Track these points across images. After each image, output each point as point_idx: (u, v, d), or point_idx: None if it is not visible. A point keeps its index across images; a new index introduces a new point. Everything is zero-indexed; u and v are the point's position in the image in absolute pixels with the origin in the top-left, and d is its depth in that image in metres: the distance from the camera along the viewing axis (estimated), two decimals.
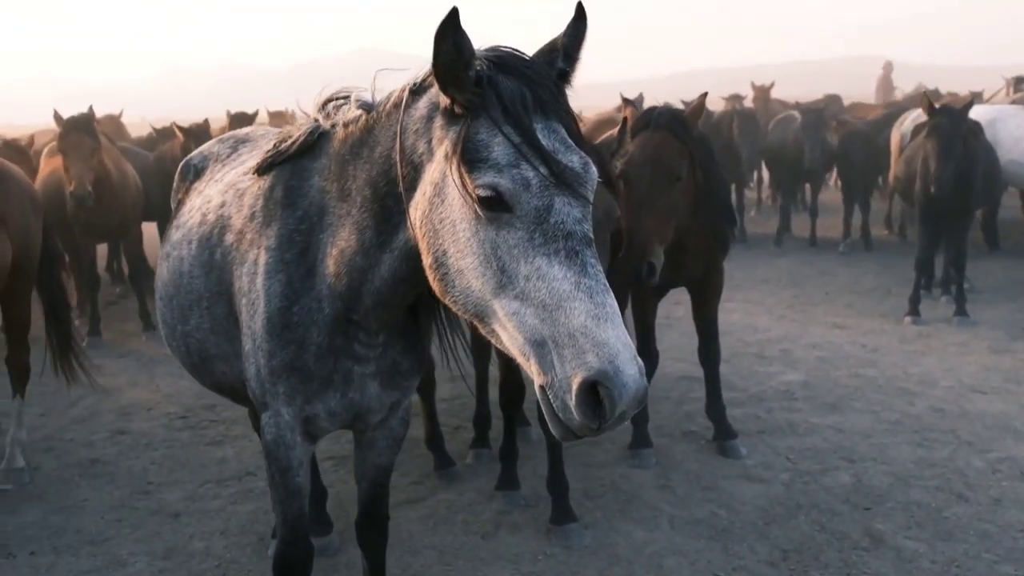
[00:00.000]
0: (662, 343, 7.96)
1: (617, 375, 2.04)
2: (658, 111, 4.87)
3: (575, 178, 2.24)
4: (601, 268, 2.21)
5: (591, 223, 2.27)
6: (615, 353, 2.06)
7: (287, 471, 3.18)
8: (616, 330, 2.09)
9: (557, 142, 2.26)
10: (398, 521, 4.91)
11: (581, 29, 2.44)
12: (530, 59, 2.38)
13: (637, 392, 2.08)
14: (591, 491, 5.22)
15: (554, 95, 2.32)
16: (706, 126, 13.00)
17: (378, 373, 3.05)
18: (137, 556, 4.65)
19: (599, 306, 2.11)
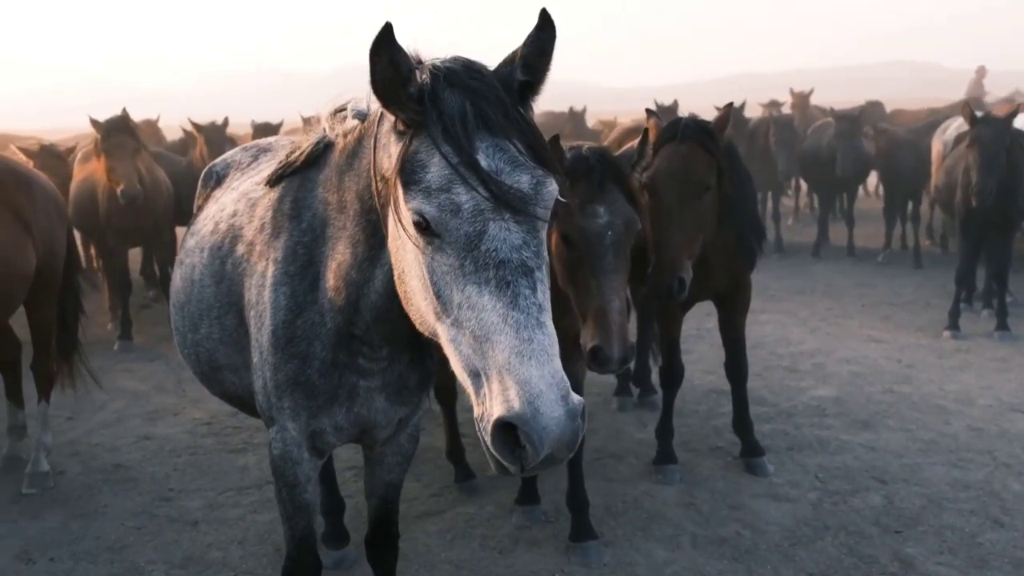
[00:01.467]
0: (691, 355, 7.89)
1: (536, 418, 1.92)
2: (684, 122, 4.76)
3: (520, 200, 2.10)
4: (541, 298, 2.07)
5: (540, 246, 2.14)
6: (536, 394, 1.93)
7: (294, 487, 3.15)
8: (542, 368, 1.96)
9: (503, 161, 2.12)
10: (415, 534, 4.86)
11: (545, 38, 2.29)
12: (482, 72, 2.24)
13: (561, 436, 1.94)
14: (613, 507, 5.12)
15: (505, 110, 2.17)
16: (742, 133, 12.89)
17: (384, 387, 3.00)
18: (155, 564, 4.64)
19: (525, 341, 1.98)
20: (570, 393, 1.99)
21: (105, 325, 9.55)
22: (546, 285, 2.13)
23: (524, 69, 2.28)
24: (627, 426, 6.46)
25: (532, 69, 2.29)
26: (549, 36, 2.29)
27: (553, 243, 3.94)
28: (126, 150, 8.37)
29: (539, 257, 2.12)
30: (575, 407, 1.99)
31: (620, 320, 3.66)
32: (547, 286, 2.14)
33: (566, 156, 3.88)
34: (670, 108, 13.81)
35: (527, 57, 2.28)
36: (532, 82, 2.30)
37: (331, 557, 4.56)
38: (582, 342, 3.77)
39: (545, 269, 2.15)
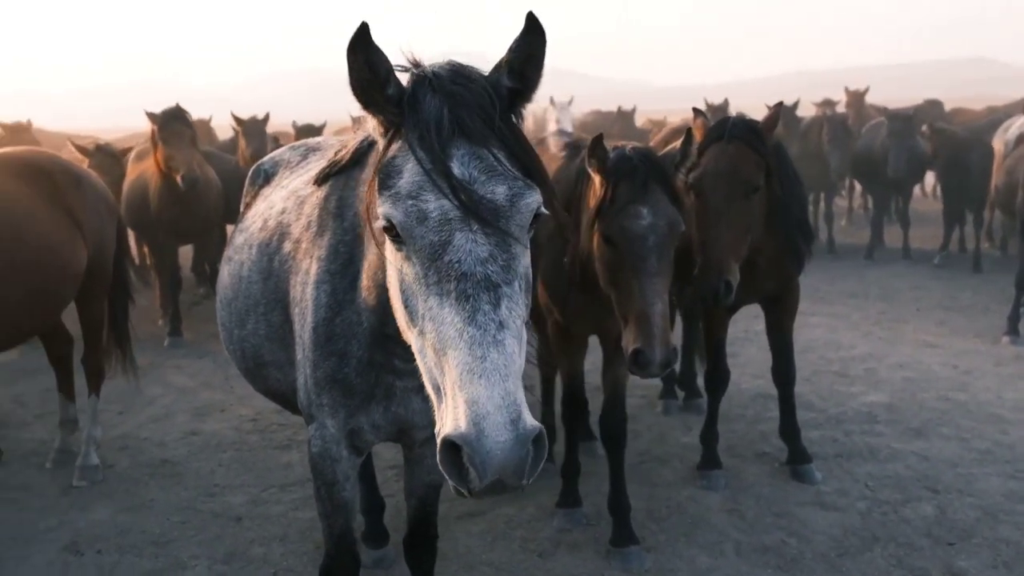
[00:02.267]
0: (738, 358, 7.76)
1: (480, 440, 1.83)
2: (732, 121, 4.67)
3: (491, 211, 2.03)
4: (504, 315, 1.97)
5: (512, 260, 2.05)
6: (482, 415, 1.84)
7: (333, 484, 3.16)
8: (492, 388, 1.86)
9: (477, 170, 2.06)
10: (456, 534, 4.85)
11: (532, 43, 2.19)
12: (469, 77, 2.17)
13: (506, 463, 1.83)
14: (655, 512, 5.05)
15: (486, 118, 2.10)
16: (794, 133, 12.67)
17: (422, 388, 2.98)
18: (198, 559, 4.69)
19: (477, 359, 1.90)
20: (523, 418, 1.88)
21: (156, 322, 9.71)
22: (517, 302, 2.04)
23: (511, 76, 2.20)
24: (672, 430, 6.37)
25: (519, 76, 2.21)
26: (536, 41, 2.19)
27: (595, 244, 3.89)
28: (183, 138, 8.56)
29: (508, 272, 2.03)
30: (526, 433, 1.86)
31: (662, 323, 3.60)
32: (519, 302, 2.04)
33: (609, 156, 3.83)
34: (720, 107, 13.63)
35: (513, 63, 2.20)
36: (521, 89, 2.22)
37: (371, 556, 4.56)
38: (623, 345, 3.71)
39: (518, 285, 2.06)
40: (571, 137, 5.55)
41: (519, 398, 1.90)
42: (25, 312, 4.94)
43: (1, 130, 11.84)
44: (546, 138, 5.63)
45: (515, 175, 2.08)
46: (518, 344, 1.99)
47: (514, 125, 2.19)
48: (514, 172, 2.09)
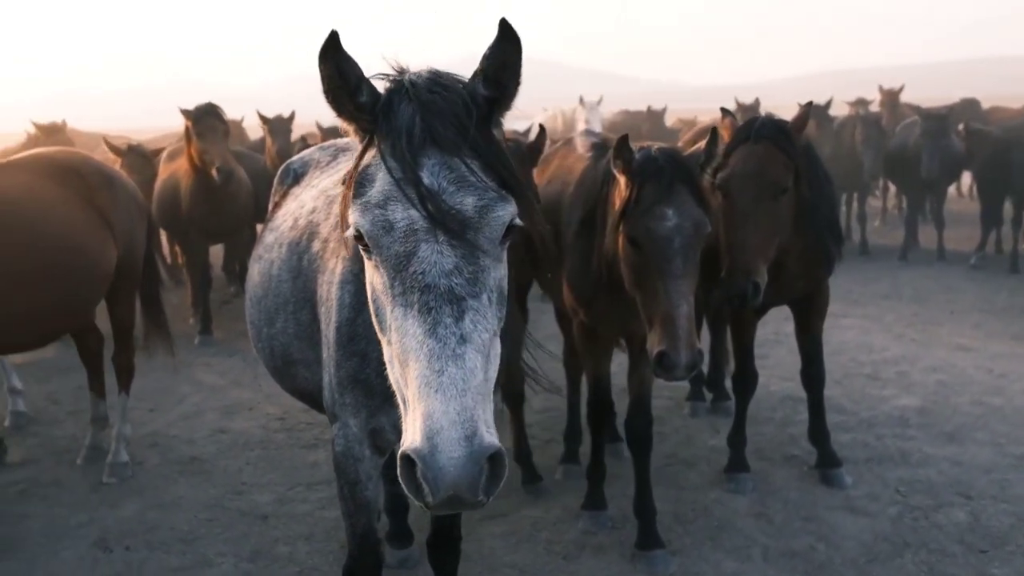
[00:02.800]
0: (768, 360, 7.68)
1: (433, 455, 1.81)
2: (760, 121, 4.62)
3: (458, 222, 1.99)
4: (468, 328, 1.94)
5: (480, 272, 2.02)
6: (436, 430, 1.81)
7: (355, 484, 3.18)
8: (447, 403, 1.83)
9: (447, 180, 2.02)
10: (480, 536, 4.83)
11: (505, 50, 2.12)
12: (445, 85, 2.13)
13: (458, 480, 1.79)
14: (682, 515, 5.01)
15: (459, 127, 2.06)
16: (826, 132, 12.51)
17: None
18: (224, 557, 4.73)
19: (435, 372, 1.88)
20: (479, 434, 1.83)
21: (187, 320, 9.80)
22: (485, 315, 2.00)
23: (486, 84, 2.15)
24: (699, 432, 6.32)
25: (495, 84, 2.16)
26: (510, 48, 2.11)
27: (620, 245, 3.86)
28: (217, 132, 8.67)
29: (475, 284, 2.00)
30: (480, 450, 1.82)
31: (688, 326, 3.56)
32: (487, 316, 2.01)
33: (634, 156, 3.80)
34: (751, 106, 13.51)
35: (487, 71, 2.15)
36: (498, 97, 2.17)
37: (395, 556, 4.57)
38: (648, 347, 3.68)
39: (487, 298, 2.03)
40: (598, 137, 5.51)
41: (478, 414, 1.86)
42: (57, 311, 5.00)
43: (36, 131, 12.01)
44: (573, 138, 5.60)
45: (487, 186, 2.04)
46: (482, 358, 1.96)
47: (490, 134, 2.15)
48: (486, 183, 2.05)
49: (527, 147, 4.87)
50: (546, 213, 4.77)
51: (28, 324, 4.87)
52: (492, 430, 1.90)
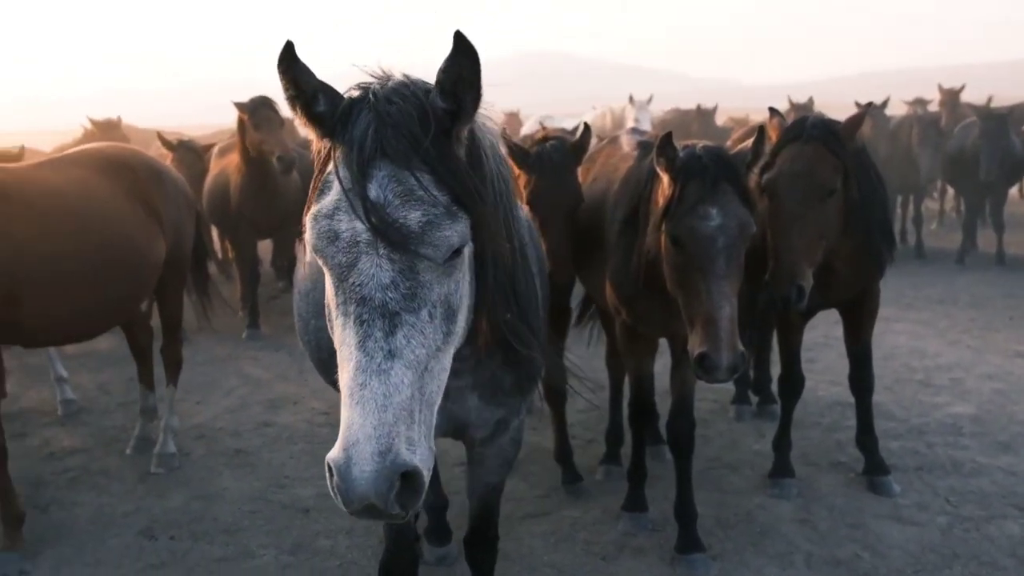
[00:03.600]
0: (816, 364, 7.55)
1: (347, 466, 1.85)
2: (810, 121, 4.52)
3: (400, 236, 1.98)
4: (399, 344, 1.96)
5: (419, 288, 2.02)
6: (352, 442, 1.86)
7: None
8: (366, 417, 1.86)
9: (393, 193, 2.01)
10: (519, 535, 4.82)
11: (461, 63, 2.08)
12: (404, 96, 2.10)
13: (366, 494, 1.83)
14: (723, 519, 4.94)
15: (411, 139, 2.04)
16: (882, 132, 12.26)
17: (476, 386, 2.98)
18: (266, 549, 4.78)
19: (358, 385, 1.91)
20: (394, 450, 1.85)
21: (235, 314, 9.94)
22: (422, 331, 2.01)
23: (443, 97, 2.12)
24: (744, 436, 6.23)
25: (452, 96, 2.11)
26: (465, 62, 2.07)
27: (662, 245, 3.81)
28: (273, 123, 8.74)
29: (412, 300, 2.00)
30: (394, 467, 1.85)
31: (730, 327, 3.50)
32: (425, 332, 2.01)
33: (678, 154, 3.74)
34: (804, 105, 13.28)
35: (443, 84, 2.12)
36: (456, 110, 2.13)
37: (434, 553, 4.57)
38: (689, 348, 3.63)
39: (427, 313, 2.03)
40: (645, 135, 5.45)
41: (397, 430, 1.88)
42: (108, 304, 5.09)
43: (92, 126, 12.27)
44: (619, 136, 5.56)
45: (435, 201, 2.02)
46: (414, 374, 1.96)
47: (448, 147, 2.12)
48: (435, 198, 2.03)
49: (571, 145, 4.84)
50: (589, 212, 4.75)
51: (80, 318, 4.97)
52: (414, 447, 1.91)
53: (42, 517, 5.15)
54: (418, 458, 1.91)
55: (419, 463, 1.90)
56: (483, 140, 2.33)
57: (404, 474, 1.88)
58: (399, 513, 1.91)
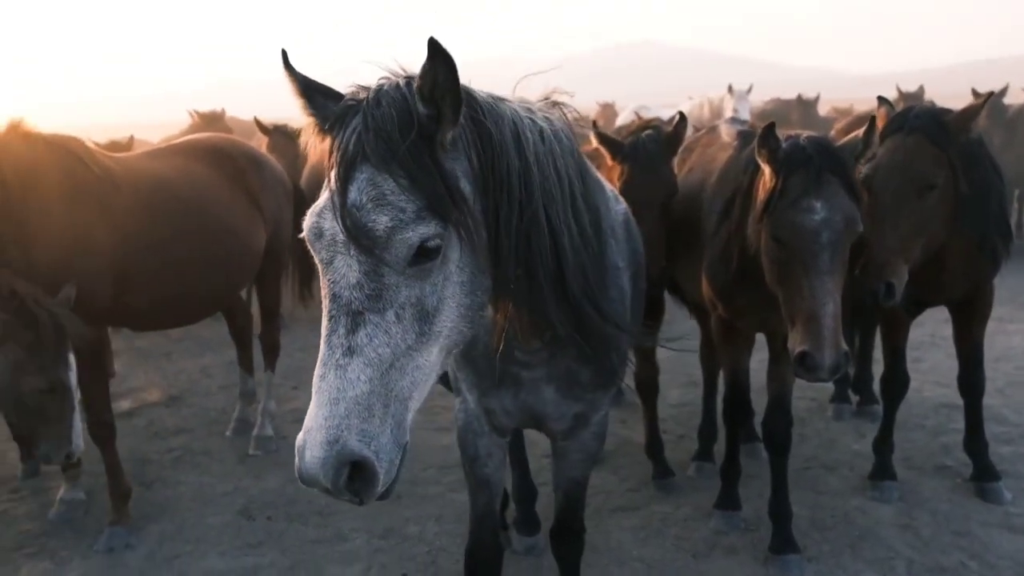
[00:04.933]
0: (922, 364, 7.26)
1: (301, 451, 2.01)
2: (915, 112, 4.30)
3: (369, 239, 2.04)
4: (360, 341, 2.03)
5: (384, 290, 2.07)
6: (308, 428, 2.00)
7: (474, 460, 3.27)
8: (320, 408, 1.99)
9: (367, 197, 2.06)
10: (608, 528, 4.79)
11: (437, 69, 2.09)
12: (390, 100, 2.13)
13: (315, 478, 1.98)
14: (820, 521, 4.79)
15: (390, 143, 2.08)
16: (999, 122, 11.67)
17: (551, 379, 2.97)
18: (357, 532, 4.86)
19: (319, 377, 2.04)
20: (342, 440, 1.96)
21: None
22: (387, 331, 2.06)
23: (423, 102, 2.12)
24: (842, 436, 6.03)
25: (431, 102, 2.12)
26: (440, 68, 2.08)
27: (763, 239, 3.69)
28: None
29: (377, 301, 2.06)
30: (340, 456, 1.96)
31: (833, 326, 3.37)
32: (391, 332, 2.06)
33: (781, 145, 3.62)
34: (915, 95, 12.76)
35: (422, 91, 2.11)
36: (436, 115, 2.13)
37: (522, 543, 4.58)
38: (790, 346, 3.51)
39: (393, 314, 2.07)
40: (744, 125, 5.32)
41: (349, 423, 1.97)
42: (211, 290, 5.25)
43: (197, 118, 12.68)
44: (717, 125, 5.43)
45: (403, 207, 2.06)
46: (374, 371, 2.03)
47: (423, 152, 2.12)
48: (405, 202, 2.06)
49: (666, 135, 4.74)
50: (685, 203, 4.65)
51: (185, 303, 5.14)
52: (370, 439, 1.99)
53: (147, 494, 5.36)
54: (371, 449, 1.99)
55: (370, 454, 1.98)
56: (505, 135, 2.31)
57: (355, 463, 1.98)
58: (352, 499, 2.04)
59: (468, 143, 2.23)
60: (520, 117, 2.38)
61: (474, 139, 2.25)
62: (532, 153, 2.36)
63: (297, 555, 4.65)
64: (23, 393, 4.20)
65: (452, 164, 2.18)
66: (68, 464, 4.95)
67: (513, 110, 2.38)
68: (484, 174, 2.25)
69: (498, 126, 2.29)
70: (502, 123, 2.31)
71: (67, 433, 4.33)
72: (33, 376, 4.19)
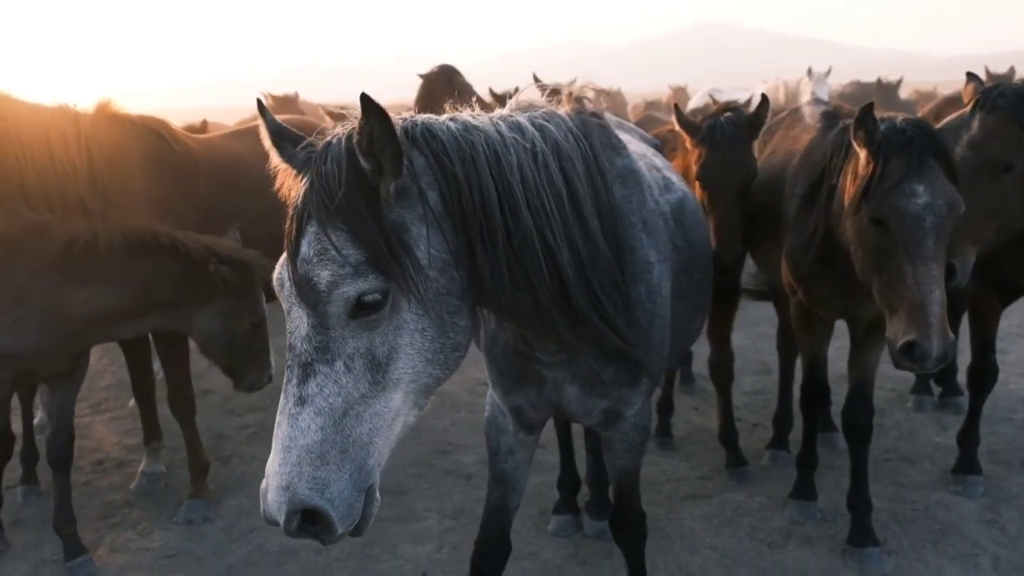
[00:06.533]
0: (1009, 355, 7.03)
1: (264, 495, 2.09)
2: (1000, 89, 4.08)
3: (314, 295, 2.09)
4: (311, 391, 2.08)
5: (330, 342, 2.10)
6: (267, 473, 2.09)
7: (495, 454, 3.29)
8: (274, 454, 2.06)
9: (314, 251, 2.11)
10: (680, 515, 4.74)
11: (371, 124, 2.09)
12: (335, 154, 2.15)
13: (272, 517, 2.06)
14: (900, 514, 4.67)
15: (329, 198, 2.10)
16: None
17: (574, 379, 2.94)
18: (430, 512, 4.90)
19: (277, 425, 2.10)
20: (293, 487, 2.02)
21: None
22: (337, 380, 2.09)
23: (363, 156, 2.12)
24: (923, 428, 5.86)
25: (371, 156, 2.11)
26: (375, 123, 2.08)
27: (858, 225, 3.53)
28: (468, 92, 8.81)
29: (325, 352, 2.10)
30: (291, 503, 2.02)
31: (940, 313, 3.24)
32: (341, 381, 2.09)
33: (879, 127, 3.47)
34: (1004, 76, 12.27)
35: (360, 145, 2.12)
36: (377, 168, 2.13)
37: (594, 528, 4.57)
38: (890, 336, 3.36)
39: (342, 365, 2.10)
40: (828, 106, 5.17)
41: (300, 470, 2.02)
42: None
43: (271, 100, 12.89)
44: (800, 107, 5.29)
45: (345, 261, 2.08)
46: (325, 419, 2.07)
47: (364, 206, 2.12)
48: (346, 257, 2.08)
49: (747, 117, 4.64)
50: (766, 186, 4.54)
51: None
52: (323, 486, 2.03)
53: (224, 469, 5.49)
54: (324, 497, 2.03)
55: (321, 502, 2.02)
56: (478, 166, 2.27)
57: (307, 510, 2.04)
58: (313, 539, 2.10)
59: (430, 184, 2.23)
60: (500, 141, 2.34)
61: (437, 179, 2.24)
62: (517, 177, 2.32)
63: (370, 532, 4.64)
64: (236, 336, 4.41)
65: (401, 214, 2.17)
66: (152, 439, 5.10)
67: (490, 136, 2.33)
68: (452, 212, 2.24)
69: (464, 162, 2.26)
70: (474, 155, 2.27)
71: (267, 359, 4.56)
72: (242, 318, 4.40)
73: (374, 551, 4.52)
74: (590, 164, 2.57)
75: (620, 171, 2.87)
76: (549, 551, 4.45)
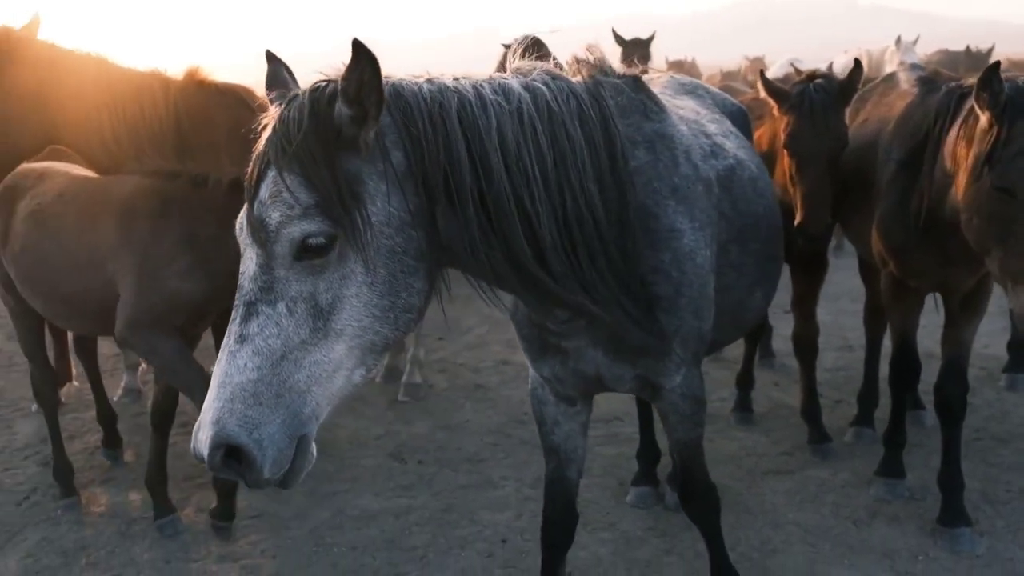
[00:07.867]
0: None
1: (196, 429, 2.08)
2: None
3: (263, 232, 2.11)
4: (251, 330, 2.09)
5: (275, 283, 2.11)
6: (203, 408, 2.09)
7: (542, 424, 3.28)
8: (211, 389, 2.08)
9: (267, 193, 2.14)
10: (761, 491, 4.67)
11: (362, 69, 2.07)
12: (296, 104, 2.17)
13: (201, 453, 2.06)
14: (992, 495, 4.52)
15: (286, 142, 2.12)
16: None
17: (595, 344, 2.84)
18: (507, 480, 4.92)
19: (216, 361, 2.12)
20: (221, 422, 2.02)
21: None
22: (278, 322, 2.09)
23: (347, 103, 2.11)
24: (1017, 407, 5.66)
25: (356, 102, 2.10)
26: (364, 68, 2.06)
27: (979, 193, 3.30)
28: None
29: (268, 292, 2.11)
30: (218, 439, 2.01)
31: None
32: (282, 323, 2.09)
33: (1005, 88, 3.28)
34: None
35: (347, 91, 2.10)
36: (360, 116, 2.11)
37: (674, 499, 4.48)
38: (1017, 309, 3.20)
39: (285, 307, 2.10)
40: (924, 71, 4.97)
41: (232, 407, 2.03)
42: None
43: None
44: (895, 73, 5.10)
45: (295, 203, 2.09)
46: (263, 360, 2.07)
47: (320, 151, 2.11)
48: (295, 199, 2.10)
49: (839, 84, 4.48)
50: (858, 155, 4.39)
51: None
52: (253, 426, 2.02)
53: None
54: (251, 437, 2.02)
55: (247, 440, 2.01)
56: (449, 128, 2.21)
57: (232, 447, 2.02)
58: (235, 478, 2.10)
59: (395, 144, 2.19)
60: (478, 103, 2.27)
61: (402, 139, 2.19)
62: (494, 138, 2.25)
63: (448, 499, 4.74)
64: None
65: (359, 166, 2.15)
66: None
67: (465, 98, 2.27)
68: (415, 172, 2.19)
69: (433, 123, 2.21)
70: (444, 116, 2.22)
71: None
72: None
73: (452, 517, 4.55)
74: (593, 128, 2.47)
75: (647, 136, 2.79)
76: (627, 522, 4.42)
